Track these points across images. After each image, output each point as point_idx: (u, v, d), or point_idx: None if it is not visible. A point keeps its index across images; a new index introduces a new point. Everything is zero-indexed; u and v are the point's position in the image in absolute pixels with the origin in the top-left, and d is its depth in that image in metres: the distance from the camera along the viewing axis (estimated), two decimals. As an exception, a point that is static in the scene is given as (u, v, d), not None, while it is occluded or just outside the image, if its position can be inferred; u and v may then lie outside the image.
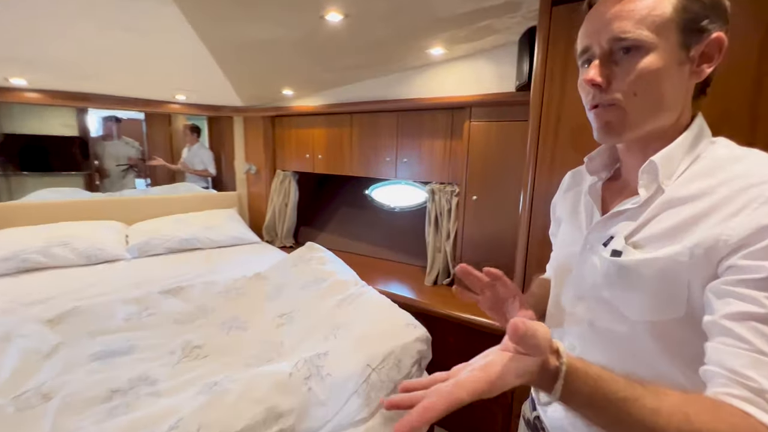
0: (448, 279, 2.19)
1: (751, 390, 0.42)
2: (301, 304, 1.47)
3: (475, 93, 1.88)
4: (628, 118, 0.57)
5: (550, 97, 1.21)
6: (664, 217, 0.56)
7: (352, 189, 2.97)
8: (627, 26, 0.54)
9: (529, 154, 1.28)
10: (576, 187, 0.75)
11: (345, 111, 2.40)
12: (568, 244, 0.71)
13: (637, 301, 0.55)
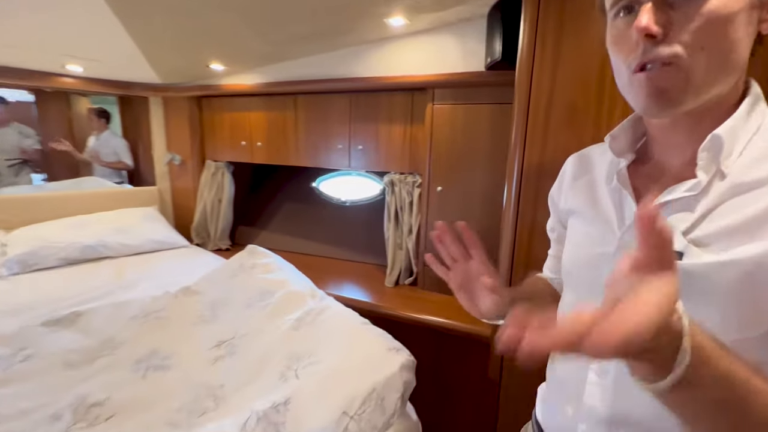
0: (411, 278, 2.00)
1: None
2: (246, 328, 1.17)
3: (438, 72, 1.68)
4: (691, 81, 0.44)
5: (541, 74, 1.05)
6: (732, 206, 0.45)
7: (297, 181, 2.66)
8: None
9: (516, 138, 1.11)
10: (586, 174, 0.64)
11: (288, 91, 2.08)
12: (593, 243, 0.58)
13: (704, 317, 0.41)
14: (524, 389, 1.22)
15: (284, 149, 2.21)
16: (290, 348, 1.03)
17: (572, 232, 0.66)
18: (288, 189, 2.75)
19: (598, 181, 0.61)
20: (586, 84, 1.00)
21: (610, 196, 0.58)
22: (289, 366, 0.96)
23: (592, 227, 0.60)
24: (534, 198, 1.10)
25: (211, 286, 1.41)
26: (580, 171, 0.67)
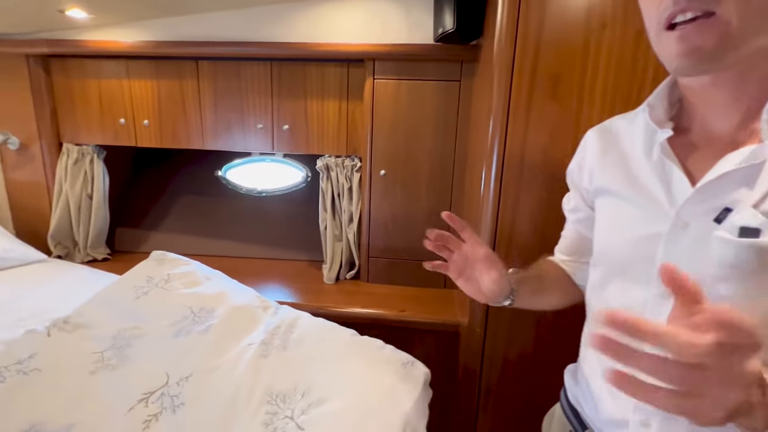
0: (353, 271, 1.83)
1: None
2: (185, 367, 0.84)
3: (379, 42, 1.51)
4: (730, 34, 0.40)
5: (525, 44, 0.97)
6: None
7: (195, 169, 2.21)
8: None
9: (496, 114, 1.03)
10: (614, 148, 0.60)
11: (187, 54, 1.66)
12: (637, 224, 0.54)
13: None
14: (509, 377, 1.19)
15: (184, 129, 1.78)
16: (266, 384, 0.77)
17: (607, 213, 0.61)
18: (183, 179, 2.26)
19: (633, 156, 0.57)
20: (569, 54, 0.96)
21: (653, 171, 0.53)
22: (274, 412, 0.70)
23: (633, 206, 0.55)
24: (517, 181, 1.04)
25: (105, 315, 1.01)
26: (608, 145, 0.62)
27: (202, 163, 2.15)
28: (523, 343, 1.16)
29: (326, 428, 0.69)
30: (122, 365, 0.86)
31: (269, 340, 0.91)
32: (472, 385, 1.21)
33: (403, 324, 1.45)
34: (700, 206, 0.46)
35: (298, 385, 0.79)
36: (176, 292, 1.06)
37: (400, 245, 1.73)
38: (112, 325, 0.98)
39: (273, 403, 0.76)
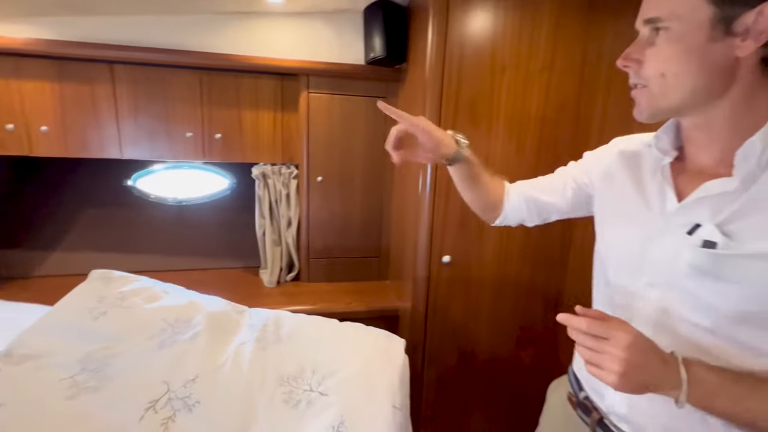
0: (293, 273, 1.92)
1: None
2: (185, 371, 0.86)
3: (313, 59, 1.64)
4: (655, 100, 0.57)
5: (449, 75, 1.24)
6: (762, 206, 0.51)
7: (97, 178, 1.98)
8: (654, 6, 0.55)
9: (428, 130, 1.27)
10: (635, 161, 0.70)
11: (100, 57, 1.53)
12: (636, 224, 0.65)
13: (731, 293, 0.52)
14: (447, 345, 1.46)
15: (96, 137, 1.63)
16: (275, 371, 0.85)
17: (611, 204, 0.72)
18: (81, 191, 2.01)
19: (645, 171, 0.67)
20: (482, 87, 1.26)
21: (655, 186, 0.64)
22: (290, 390, 0.80)
23: (634, 207, 0.66)
24: (447, 182, 1.31)
25: (59, 341, 0.94)
26: (630, 158, 0.71)
27: (102, 171, 1.94)
28: (457, 317, 1.44)
29: (345, 391, 0.83)
30: (106, 385, 0.85)
31: (262, 337, 0.99)
32: (418, 355, 1.45)
33: (351, 315, 1.61)
34: (679, 219, 0.58)
35: (305, 366, 0.91)
36: (141, 308, 1.05)
37: (338, 245, 1.89)
38: (74, 349, 0.93)
39: (287, 385, 0.86)
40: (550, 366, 1.50)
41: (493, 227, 1.36)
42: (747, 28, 0.49)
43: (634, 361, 0.49)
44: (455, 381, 1.50)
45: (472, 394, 1.53)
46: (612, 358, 0.50)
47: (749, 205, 0.52)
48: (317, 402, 0.83)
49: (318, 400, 0.83)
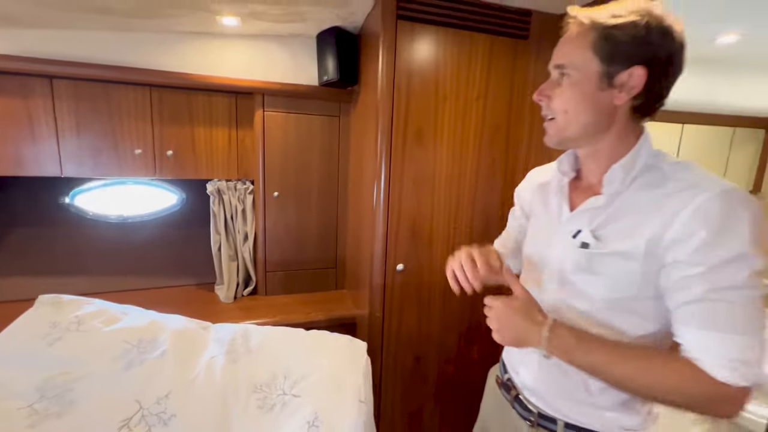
0: (250, 288, 1.93)
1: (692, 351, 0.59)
2: (156, 389, 0.87)
3: (267, 80, 1.70)
4: (560, 131, 0.70)
5: (398, 102, 1.37)
6: (623, 216, 0.65)
7: (30, 197, 1.85)
8: (561, 56, 0.68)
9: (381, 150, 1.40)
10: (544, 185, 0.85)
11: (38, 72, 1.47)
12: (542, 233, 0.81)
13: (598, 283, 0.67)
14: (403, 346, 1.57)
15: (32, 154, 1.55)
16: (247, 380, 0.89)
17: (533, 223, 0.89)
18: (8, 208, 1.87)
19: (550, 191, 0.82)
20: (427, 113, 1.41)
21: (557, 201, 0.79)
22: (264, 396, 0.85)
23: (542, 222, 0.84)
24: (398, 193, 1.44)
25: (12, 370, 0.92)
26: (541, 184, 0.87)
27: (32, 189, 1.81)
28: (411, 320, 1.56)
29: (316, 391, 0.90)
30: (71, 410, 0.84)
31: (232, 350, 1.03)
32: (376, 359, 1.55)
33: (311, 324, 1.67)
34: (569, 226, 0.73)
35: (277, 373, 0.96)
36: (100, 331, 1.03)
37: (296, 257, 1.94)
38: (29, 377, 0.90)
39: (260, 391, 0.91)
40: (494, 359, 1.67)
41: (440, 237, 1.52)
42: (622, 84, 0.63)
43: (503, 321, 0.70)
44: (412, 379, 1.62)
45: (427, 391, 1.66)
46: (491, 320, 0.72)
47: (612, 216, 0.67)
48: (291, 403, 0.90)
49: (291, 401, 0.90)
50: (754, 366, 0.55)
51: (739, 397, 0.56)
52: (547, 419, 0.76)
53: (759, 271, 0.55)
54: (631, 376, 0.60)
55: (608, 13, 0.63)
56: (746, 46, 1.75)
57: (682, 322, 0.60)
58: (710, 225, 0.56)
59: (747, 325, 0.55)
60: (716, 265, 0.56)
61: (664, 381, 0.59)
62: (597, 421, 0.71)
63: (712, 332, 0.56)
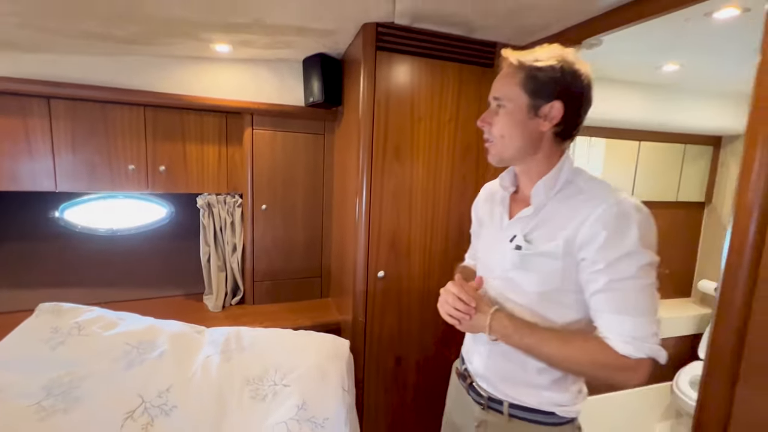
0: (238, 297, 2.01)
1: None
2: (157, 384, 0.95)
3: (256, 100, 1.82)
4: (499, 152, 0.84)
5: (378, 122, 1.51)
6: (547, 222, 0.80)
7: (19, 211, 1.90)
8: (497, 90, 0.83)
9: (362, 165, 1.53)
10: (492, 196, 1.00)
11: (35, 92, 1.55)
12: (489, 238, 0.96)
13: (531, 279, 0.80)
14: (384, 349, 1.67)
15: (28, 170, 1.62)
16: (241, 375, 0.98)
17: (483, 231, 1.02)
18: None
19: (495, 202, 0.96)
20: (404, 132, 1.55)
21: (500, 211, 0.93)
22: (257, 388, 0.94)
23: (489, 230, 0.97)
24: (379, 207, 1.56)
25: (16, 373, 0.98)
26: (488, 195, 1.02)
27: (21, 204, 1.86)
28: (391, 324, 1.67)
29: (304, 381, 0.99)
30: (77, 406, 0.91)
31: (226, 349, 1.11)
32: (359, 362, 1.65)
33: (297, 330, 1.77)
34: (507, 232, 0.86)
35: (268, 368, 1.05)
36: (101, 335, 1.10)
37: (282, 267, 2.03)
38: (35, 378, 0.97)
39: (253, 384, 0.99)
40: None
41: (417, 246, 1.65)
42: (546, 114, 0.78)
43: None
44: (393, 381, 1.72)
45: (407, 390, 1.77)
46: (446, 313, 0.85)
47: (539, 223, 0.81)
48: (281, 393, 0.99)
49: (282, 391, 0.99)
50: (649, 341, 0.69)
51: (639, 368, 0.70)
52: (496, 401, 0.88)
53: (648, 264, 0.70)
54: (557, 353, 0.75)
55: (533, 57, 0.78)
56: (686, 75, 1.97)
57: (594, 309, 0.75)
58: (608, 229, 0.71)
59: (639, 308, 0.70)
60: (613, 261, 0.70)
61: (581, 356, 0.73)
62: (535, 399, 0.84)
63: (614, 315, 0.71)
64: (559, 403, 0.84)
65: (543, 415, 0.84)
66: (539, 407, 0.84)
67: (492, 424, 0.88)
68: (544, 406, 0.84)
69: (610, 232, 0.70)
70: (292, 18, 1.35)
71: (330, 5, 1.26)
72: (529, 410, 0.85)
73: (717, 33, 1.38)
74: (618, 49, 1.63)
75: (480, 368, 0.93)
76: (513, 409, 0.86)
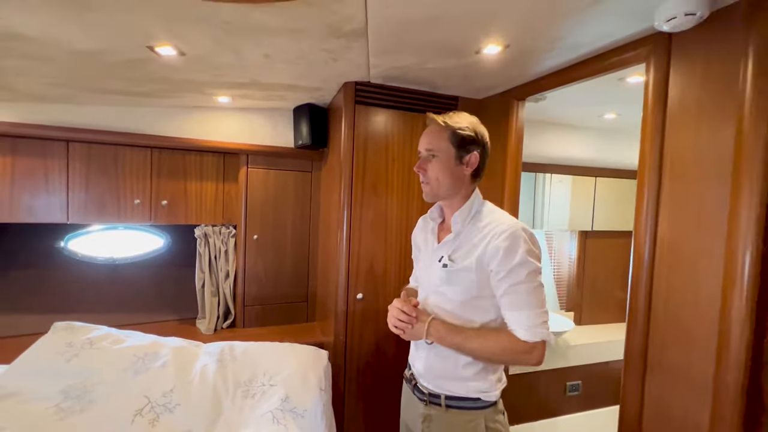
0: (229, 321, 2.16)
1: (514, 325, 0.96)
2: (160, 387, 1.10)
3: (252, 143, 2.07)
4: (434, 191, 1.06)
5: (358, 163, 1.76)
6: (464, 244, 1.02)
7: (26, 241, 2.05)
8: (430, 143, 1.04)
9: (344, 199, 1.76)
10: (425, 226, 1.20)
11: (56, 137, 1.77)
12: (425, 261, 1.15)
13: (456, 290, 1.01)
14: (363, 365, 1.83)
15: (43, 204, 1.81)
16: (234, 379, 1.13)
17: (420, 256, 1.21)
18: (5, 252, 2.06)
19: (428, 231, 1.17)
20: (380, 172, 1.80)
21: (430, 238, 1.14)
22: (247, 388, 1.10)
23: (424, 254, 1.16)
24: (358, 237, 1.78)
25: (36, 381, 1.13)
26: (424, 225, 1.22)
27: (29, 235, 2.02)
28: (369, 341, 1.85)
29: (288, 381, 1.15)
30: (91, 407, 1.05)
31: (221, 358, 1.27)
32: (340, 379, 1.80)
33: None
34: (436, 254, 1.07)
35: (257, 373, 1.21)
36: (111, 348, 1.26)
37: (271, 293, 2.21)
38: (53, 385, 1.11)
39: (244, 386, 1.15)
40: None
41: (392, 271, 1.86)
42: (467, 162, 1.02)
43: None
44: (371, 394, 1.87)
45: (384, 402, 1.91)
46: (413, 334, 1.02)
47: (459, 245, 1.02)
48: (268, 391, 1.15)
49: (269, 390, 1.15)
50: (540, 327, 0.92)
51: (535, 349, 0.92)
52: (435, 396, 1.05)
53: (534, 270, 0.94)
54: (478, 347, 0.96)
55: (454, 120, 1.04)
56: (623, 122, 2.30)
57: (502, 307, 0.97)
58: (505, 246, 0.93)
59: (531, 303, 0.93)
60: (510, 270, 0.93)
61: (495, 345, 0.94)
62: (464, 389, 1.02)
63: (515, 311, 0.94)
64: (482, 390, 1.02)
65: (471, 401, 1.01)
66: (467, 395, 1.01)
67: (434, 417, 1.05)
68: (471, 394, 1.01)
69: (506, 248, 0.93)
70: (284, 78, 1.62)
71: (316, 70, 1.53)
72: (460, 399, 1.02)
73: (636, 91, 1.70)
74: (567, 102, 1.95)
75: (421, 369, 1.09)
76: (448, 401, 1.03)
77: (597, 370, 2.49)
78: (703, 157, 1.03)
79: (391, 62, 1.46)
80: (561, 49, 1.29)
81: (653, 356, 1.14)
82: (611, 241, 2.75)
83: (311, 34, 1.18)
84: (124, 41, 1.18)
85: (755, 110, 0.91)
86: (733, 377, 0.95)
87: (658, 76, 1.13)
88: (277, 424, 1.01)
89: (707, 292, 1.01)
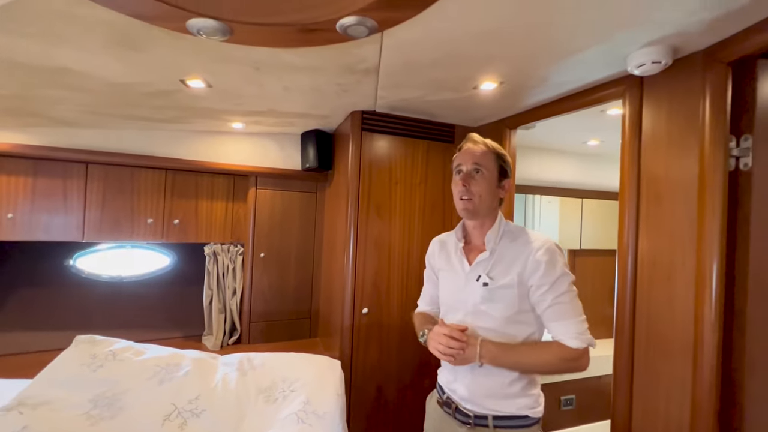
0: (235, 337, 2.22)
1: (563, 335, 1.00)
2: (186, 395, 1.16)
3: (261, 165, 2.19)
4: (476, 208, 1.07)
5: (363, 185, 1.89)
6: (501, 261, 1.05)
7: (35, 259, 2.11)
8: (479, 158, 1.08)
9: (350, 220, 1.88)
10: (444, 248, 1.23)
11: (76, 159, 1.87)
12: (452, 283, 1.16)
13: (498, 307, 1.03)
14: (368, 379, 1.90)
15: (60, 223, 1.88)
16: (255, 386, 1.20)
17: (442, 279, 1.22)
18: (14, 270, 2.10)
19: (450, 252, 1.18)
20: (384, 193, 1.93)
21: (457, 259, 1.15)
22: (268, 394, 1.16)
23: (450, 275, 1.17)
24: (363, 255, 1.89)
25: (65, 390, 1.18)
26: (441, 247, 1.24)
27: (39, 254, 2.08)
28: (374, 357, 1.93)
29: (307, 387, 1.22)
30: (121, 414, 1.11)
31: (241, 368, 1.33)
32: (346, 389, 1.87)
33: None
34: (471, 274, 1.08)
35: (276, 380, 1.27)
36: (134, 360, 1.32)
37: (276, 309, 2.28)
38: (81, 394, 1.17)
39: (265, 393, 1.21)
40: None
41: (396, 287, 1.96)
42: (503, 186, 1.10)
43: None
44: (375, 409, 1.93)
45: (388, 417, 1.97)
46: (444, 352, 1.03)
47: (496, 262, 1.07)
48: (289, 396, 1.22)
49: (290, 395, 1.23)
50: (585, 334, 0.99)
51: (586, 354, 0.99)
52: (481, 417, 1.04)
53: (572, 281, 1.02)
54: (534, 361, 1.00)
55: (495, 145, 1.12)
56: (605, 148, 2.50)
57: (547, 320, 1.01)
58: (546, 260, 1.01)
59: (575, 312, 1.00)
60: (553, 282, 0.99)
61: (551, 357, 0.99)
62: (513, 407, 1.03)
63: (561, 321, 0.99)
64: (529, 406, 1.04)
65: (520, 419, 1.03)
66: (517, 413, 1.03)
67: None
68: (521, 411, 1.03)
69: (547, 262, 1.00)
70: (298, 108, 1.76)
71: (328, 100, 1.68)
72: (509, 417, 1.03)
73: (616, 121, 1.88)
74: (555, 129, 2.13)
75: (465, 393, 1.08)
76: (496, 420, 1.03)
77: (590, 384, 2.58)
78: (673, 181, 1.18)
79: (397, 95, 1.62)
80: (549, 85, 1.46)
81: (639, 367, 1.25)
82: (598, 259, 2.90)
83: (329, 71, 1.33)
84: (159, 75, 1.31)
85: (713, 140, 1.07)
86: (707, 377, 1.07)
87: (632, 110, 1.30)
88: (302, 424, 1.09)
89: (682, 301, 1.14)
